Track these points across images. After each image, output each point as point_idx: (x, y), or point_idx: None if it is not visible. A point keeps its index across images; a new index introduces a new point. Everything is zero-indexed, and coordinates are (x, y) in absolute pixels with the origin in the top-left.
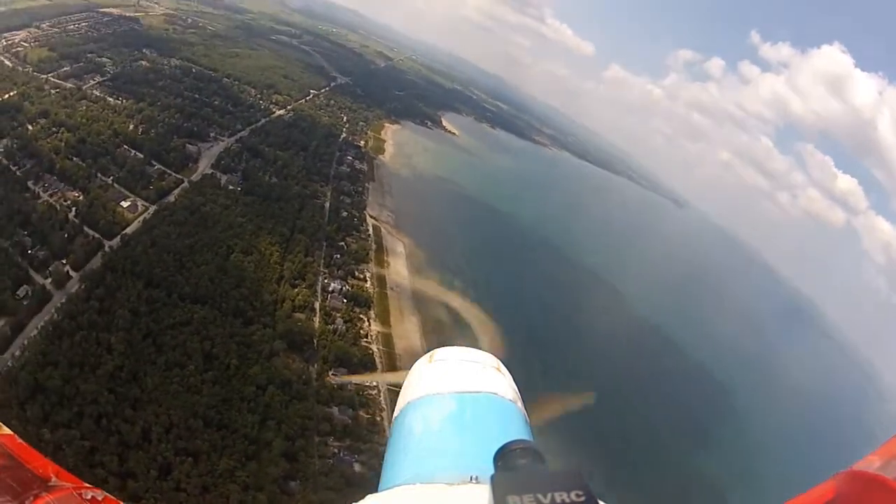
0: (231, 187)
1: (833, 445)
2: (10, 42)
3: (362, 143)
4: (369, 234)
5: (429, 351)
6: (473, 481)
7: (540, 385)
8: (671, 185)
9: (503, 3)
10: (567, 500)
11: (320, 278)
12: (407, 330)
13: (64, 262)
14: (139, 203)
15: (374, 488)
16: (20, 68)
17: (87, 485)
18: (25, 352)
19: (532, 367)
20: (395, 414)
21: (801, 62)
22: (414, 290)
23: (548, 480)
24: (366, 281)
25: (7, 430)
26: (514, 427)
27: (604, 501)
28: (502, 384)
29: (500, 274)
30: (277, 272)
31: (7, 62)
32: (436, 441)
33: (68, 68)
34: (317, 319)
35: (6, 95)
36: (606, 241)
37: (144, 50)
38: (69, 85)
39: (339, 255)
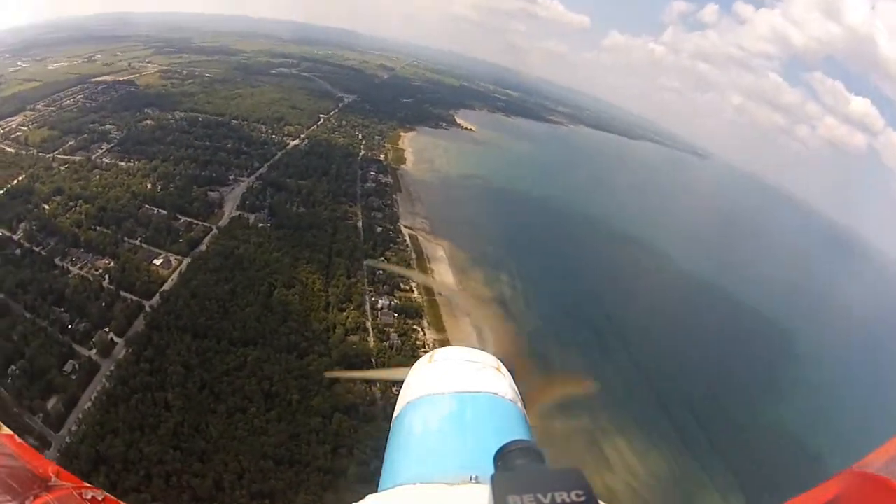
0: (261, 225)
1: None
2: (7, 129)
3: (382, 156)
4: (407, 245)
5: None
6: (473, 481)
7: (597, 355)
8: (691, 139)
9: None
10: (567, 500)
11: (367, 297)
12: (462, 332)
13: (106, 330)
14: (172, 258)
15: (374, 488)
16: (24, 152)
17: (88, 485)
18: (82, 425)
19: (589, 343)
20: (395, 414)
21: None
22: (462, 291)
23: (548, 480)
24: (412, 291)
25: (7, 430)
26: (514, 427)
27: (603, 501)
28: (502, 384)
29: (543, 258)
30: (323, 299)
31: (9, 148)
32: (436, 441)
33: (73, 142)
34: (371, 339)
35: (15, 181)
36: (639, 205)
37: (146, 109)
38: (77, 158)
39: (381, 271)
